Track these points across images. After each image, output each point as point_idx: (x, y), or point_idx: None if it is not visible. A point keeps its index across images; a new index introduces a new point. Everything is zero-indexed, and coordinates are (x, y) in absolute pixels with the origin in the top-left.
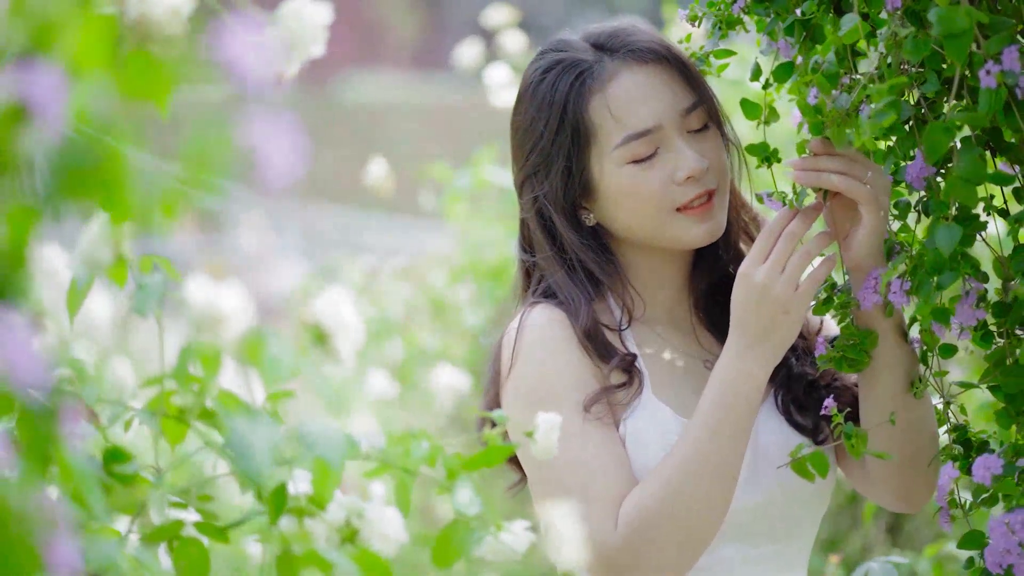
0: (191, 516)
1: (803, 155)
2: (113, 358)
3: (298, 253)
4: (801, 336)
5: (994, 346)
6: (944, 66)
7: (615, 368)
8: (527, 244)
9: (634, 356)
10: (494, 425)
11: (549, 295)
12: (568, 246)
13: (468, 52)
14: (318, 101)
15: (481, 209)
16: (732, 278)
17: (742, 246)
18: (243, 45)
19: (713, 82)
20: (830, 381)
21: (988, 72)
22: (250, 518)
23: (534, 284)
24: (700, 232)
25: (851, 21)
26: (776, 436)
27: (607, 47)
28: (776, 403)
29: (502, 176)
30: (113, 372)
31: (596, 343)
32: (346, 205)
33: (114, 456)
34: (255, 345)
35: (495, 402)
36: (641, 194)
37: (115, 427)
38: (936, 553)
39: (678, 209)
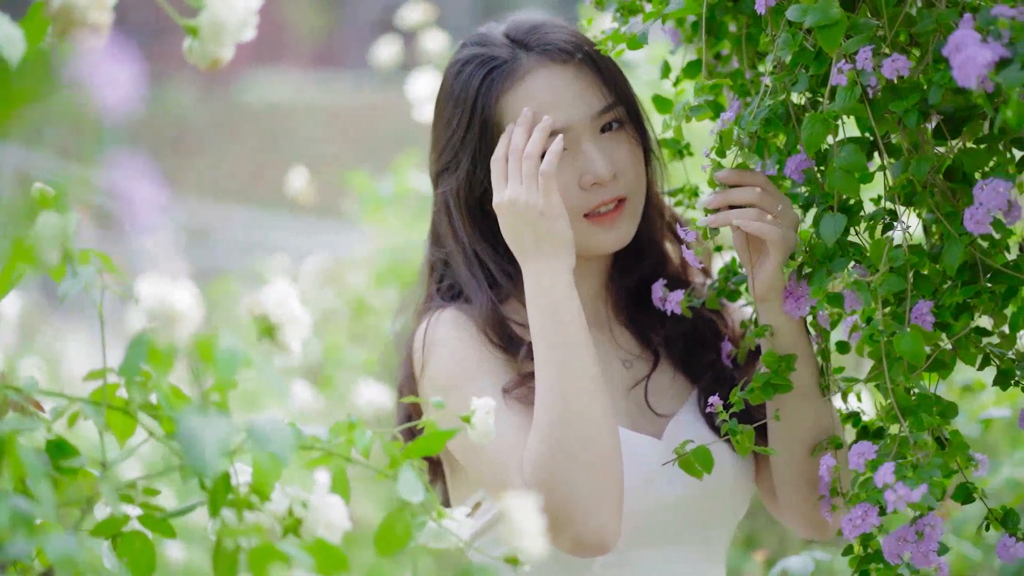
0: (135, 510)
1: (715, 189)
2: (21, 356)
3: (179, 251)
4: (729, 340)
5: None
6: (810, 67)
7: (527, 357)
8: (435, 238)
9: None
10: (415, 417)
11: (456, 291)
12: (469, 242)
13: (384, 51)
14: (220, 100)
15: (399, 212)
16: (654, 278)
17: (667, 246)
18: (102, 72)
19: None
20: None
21: (840, 71)
22: (192, 508)
23: (436, 280)
24: (606, 240)
25: (679, 2)
26: (695, 438)
27: (524, 43)
28: (699, 405)
29: (424, 182)
30: (22, 370)
31: (500, 336)
32: (249, 204)
33: (60, 450)
34: (207, 341)
35: (413, 405)
36: None
37: (60, 422)
38: None
39: (585, 215)
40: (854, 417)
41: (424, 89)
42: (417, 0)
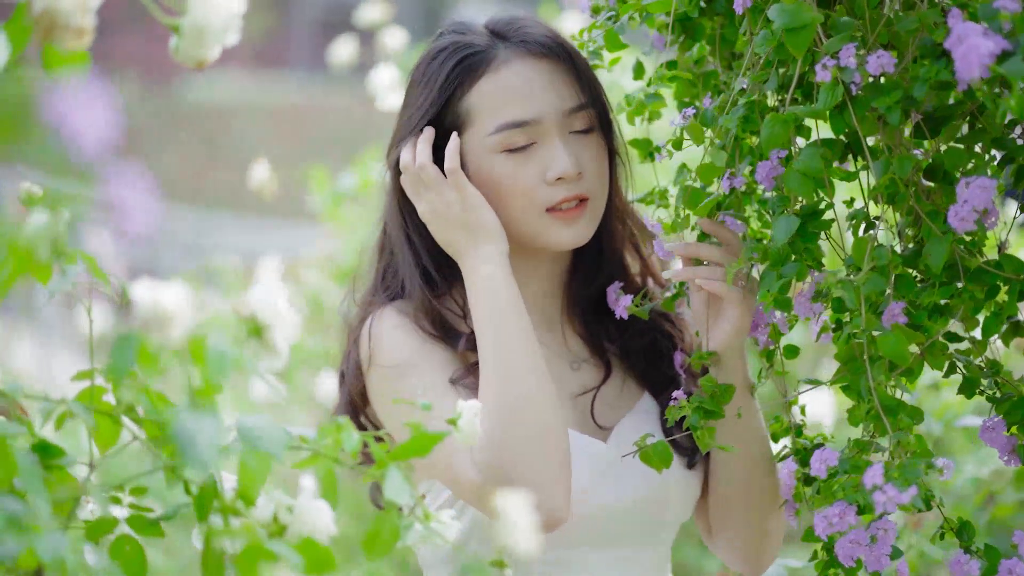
0: (124, 512)
1: (683, 241)
2: None
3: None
4: (682, 351)
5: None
6: (784, 68)
7: (468, 348)
8: (383, 220)
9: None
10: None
11: (396, 273)
12: (410, 225)
13: (341, 50)
14: (162, 99)
15: (359, 208)
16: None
17: (627, 257)
18: (77, 112)
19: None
20: None
21: (824, 67)
22: (178, 512)
23: (384, 261)
24: (564, 236)
25: None
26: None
27: (503, 35)
28: (660, 418)
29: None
30: None
31: (436, 326)
32: (192, 205)
33: (45, 451)
34: (197, 342)
35: (361, 395)
36: (509, 187)
37: (45, 424)
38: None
39: (547, 210)
40: (798, 430)
41: (386, 80)
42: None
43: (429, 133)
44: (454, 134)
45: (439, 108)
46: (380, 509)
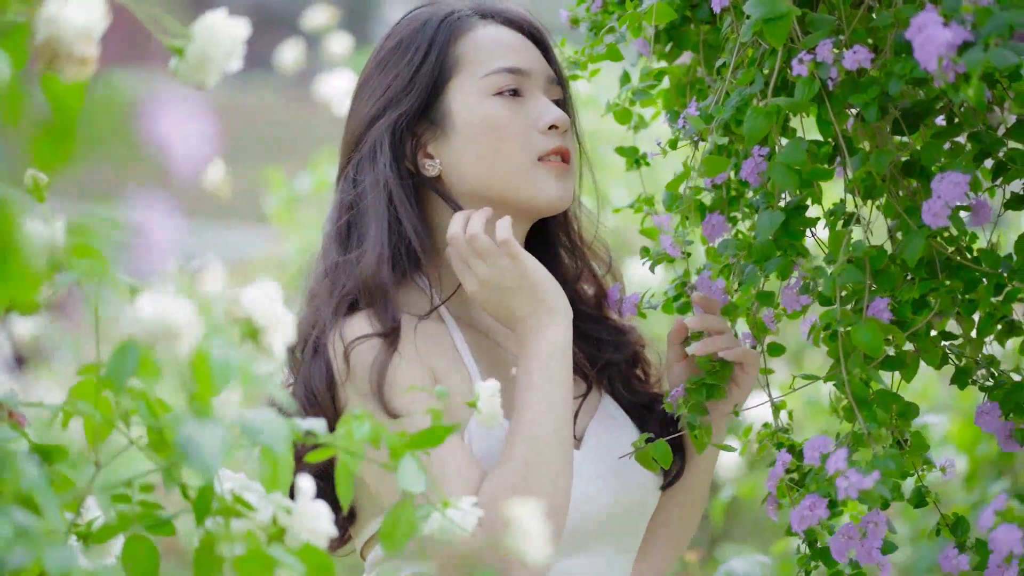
0: (132, 511)
1: (689, 315)
2: None
3: None
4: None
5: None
6: (764, 68)
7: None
8: (352, 182)
9: (397, 323)
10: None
11: (360, 243)
12: (387, 181)
13: (289, 52)
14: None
15: (308, 211)
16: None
17: (584, 284)
18: (175, 129)
19: None
20: None
21: (801, 61)
22: (175, 516)
23: (344, 234)
24: (552, 190)
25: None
26: (616, 447)
27: (481, 10)
28: (635, 423)
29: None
30: None
31: (387, 330)
32: (113, 206)
33: (47, 454)
34: (201, 352)
35: (327, 394)
36: (505, 129)
37: (43, 425)
38: (784, 549)
39: (539, 160)
40: (780, 433)
41: (341, 85)
42: (321, 4)
43: (487, 212)
44: (487, 208)
45: (436, 60)
46: None
